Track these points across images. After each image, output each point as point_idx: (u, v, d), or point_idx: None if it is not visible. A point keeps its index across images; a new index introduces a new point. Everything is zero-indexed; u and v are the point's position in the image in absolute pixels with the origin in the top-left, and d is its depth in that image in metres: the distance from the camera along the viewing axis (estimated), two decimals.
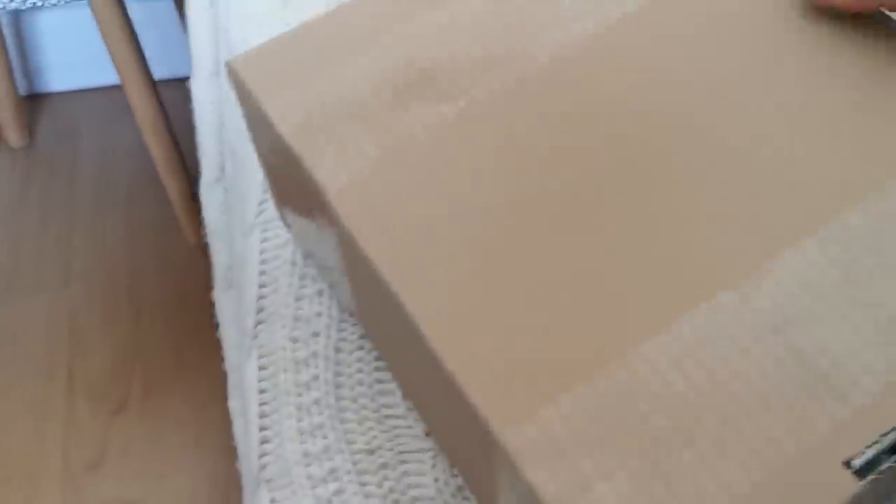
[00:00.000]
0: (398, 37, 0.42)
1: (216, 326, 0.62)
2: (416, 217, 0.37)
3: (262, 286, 0.51)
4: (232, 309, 0.58)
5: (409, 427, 0.46)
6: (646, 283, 0.34)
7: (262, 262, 0.52)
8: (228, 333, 0.58)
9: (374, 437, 0.45)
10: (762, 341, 0.33)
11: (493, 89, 0.40)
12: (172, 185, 1.33)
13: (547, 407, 0.32)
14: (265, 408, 0.47)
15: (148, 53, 1.55)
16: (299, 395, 0.47)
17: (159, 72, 1.59)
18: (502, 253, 0.35)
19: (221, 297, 0.61)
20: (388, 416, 0.46)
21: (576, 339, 0.33)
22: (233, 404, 0.53)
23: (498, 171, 0.38)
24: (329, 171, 0.38)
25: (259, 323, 0.50)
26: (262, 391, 0.48)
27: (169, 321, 1.33)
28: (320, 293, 0.50)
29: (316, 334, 0.49)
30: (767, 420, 0.32)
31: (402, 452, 0.45)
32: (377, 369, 0.47)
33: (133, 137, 1.57)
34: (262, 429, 0.47)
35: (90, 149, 1.57)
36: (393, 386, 0.47)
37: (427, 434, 0.45)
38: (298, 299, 0.50)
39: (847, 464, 0.31)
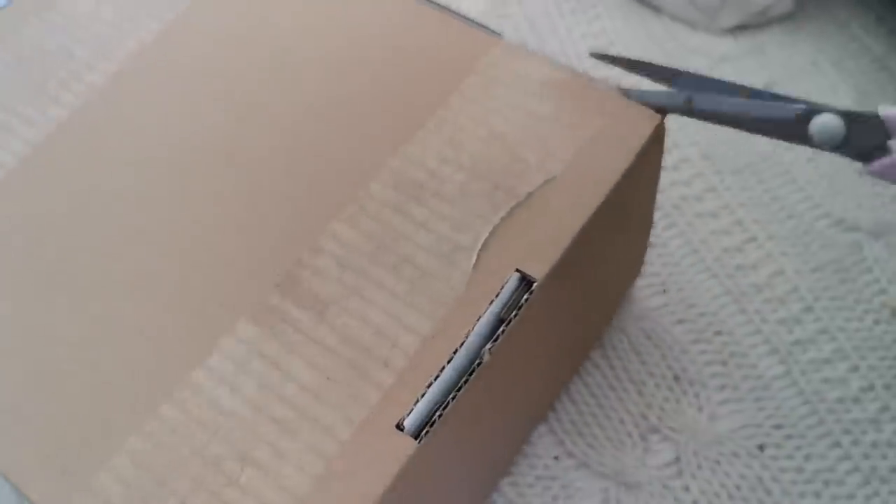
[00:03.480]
0: None
1: None
2: None
3: None
4: None
5: None
6: (185, 309, 0.33)
7: None
8: None
9: None
10: (308, 334, 0.32)
11: (5, 161, 0.39)
12: None
13: (100, 474, 0.30)
14: None
15: None
16: None
17: None
18: (42, 311, 0.34)
19: None
20: None
21: (117, 390, 0.32)
22: None
23: (29, 235, 0.36)
24: None
25: None
26: None
27: None
28: None
29: None
30: (321, 412, 0.30)
31: None
32: None
33: None
34: None
35: None
36: None
37: None
38: None
39: (399, 427, 0.29)
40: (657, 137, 0.36)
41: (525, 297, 0.31)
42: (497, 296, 0.32)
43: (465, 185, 0.35)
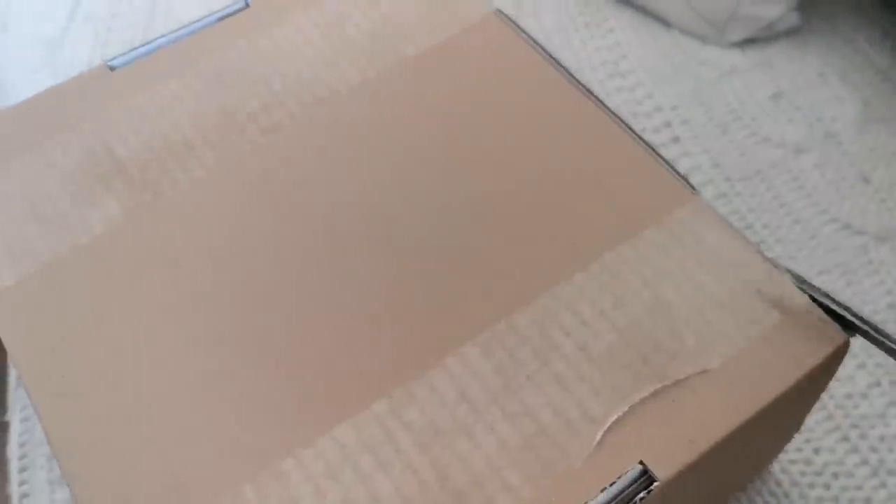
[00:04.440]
0: (100, 122, 0.39)
1: None
2: (70, 325, 0.34)
3: None
4: None
5: None
6: (295, 393, 0.32)
7: None
8: None
9: None
10: (407, 458, 0.30)
11: (180, 180, 0.37)
12: None
13: None
14: (25, 461, 0.47)
15: None
16: None
17: None
18: (156, 368, 0.33)
19: None
20: None
21: (205, 457, 0.30)
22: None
23: (164, 275, 0.35)
24: None
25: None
26: (21, 444, 0.48)
27: None
28: None
29: None
30: None
31: None
32: None
33: None
34: (21, 483, 0.46)
35: None
36: None
37: None
38: None
39: None
40: (836, 357, 0.32)
41: (641, 494, 0.29)
42: (611, 484, 0.29)
43: (614, 348, 0.32)
